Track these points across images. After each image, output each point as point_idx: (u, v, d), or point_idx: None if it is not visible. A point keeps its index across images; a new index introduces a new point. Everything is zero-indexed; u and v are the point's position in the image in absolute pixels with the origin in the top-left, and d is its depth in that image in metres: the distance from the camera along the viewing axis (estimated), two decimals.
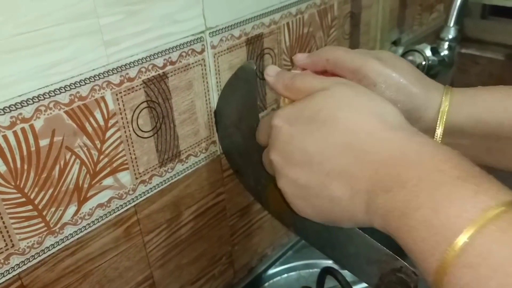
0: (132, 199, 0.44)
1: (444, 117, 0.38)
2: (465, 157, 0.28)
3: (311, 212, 0.35)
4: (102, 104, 0.39)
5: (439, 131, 0.39)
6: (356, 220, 0.32)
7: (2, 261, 0.36)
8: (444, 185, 0.27)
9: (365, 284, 0.36)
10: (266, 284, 0.67)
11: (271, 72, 0.41)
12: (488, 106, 0.38)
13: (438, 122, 0.39)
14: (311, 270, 0.68)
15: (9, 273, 0.37)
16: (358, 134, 0.31)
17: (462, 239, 0.24)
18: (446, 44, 0.72)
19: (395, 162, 0.29)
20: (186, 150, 0.48)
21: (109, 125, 0.40)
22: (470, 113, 0.38)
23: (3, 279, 0.37)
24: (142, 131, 0.43)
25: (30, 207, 0.37)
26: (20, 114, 0.34)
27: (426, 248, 0.26)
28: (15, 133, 0.34)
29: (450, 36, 0.71)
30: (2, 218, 0.35)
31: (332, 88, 0.34)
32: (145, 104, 0.42)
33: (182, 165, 0.48)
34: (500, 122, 0.38)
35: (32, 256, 0.38)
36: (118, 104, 0.40)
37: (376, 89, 0.38)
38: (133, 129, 0.42)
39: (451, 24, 0.71)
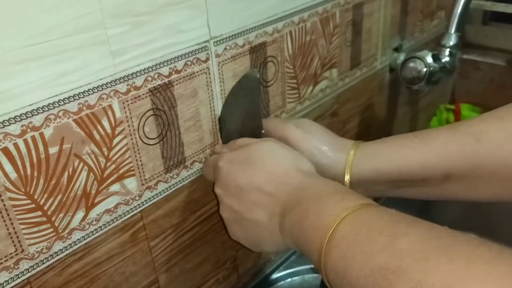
0: (138, 204, 0.45)
1: (349, 173, 0.47)
2: (344, 187, 0.40)
3: (240, 234, 0.45)
4: (110, 112, 0.40)
5: (347, 183, 0.48)
6: (274, 239, 0.42)
7: (12, 266, 0.37)
8: (323, 197, 0.38)
9: None
10: None
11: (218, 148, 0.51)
12: (386, 158, 0.46)
13: (345, 177, 0.48)
14: (314, 275, 0.69)
15: (18, 278, 0.38)
16: (277, 172, 0.42)
17: (330, 229, 0.34)
18: (447, 51, 0.72)
19: (298, 190, 0.40)
20: (191, 157, 0.49)
21: (116, 132, 0.41)
22: (371, 167, 0.47)
23: (13, 283, 0.38)
24: (148, 138, 0.44)
25: (40, 213, 0.38)
26: (31, 122, 0.35)
27: (313, 244, 0.35)
28: (25, 141, 0.35)
29: (451, 43, 0.71)
30: (12, 224, 0.36)
31: (262, 141, 0.45)
32: (151, 112, 0.43)
33: (187, 171, 0.49)
34: (398, 169, 0.46)
35: (41, 261, 0.39)
36: (125, 112, 0.41)
37: (299, 151, 0.47)
38: (139, 137, 0.43)
39: (452, 31, 0.71)
